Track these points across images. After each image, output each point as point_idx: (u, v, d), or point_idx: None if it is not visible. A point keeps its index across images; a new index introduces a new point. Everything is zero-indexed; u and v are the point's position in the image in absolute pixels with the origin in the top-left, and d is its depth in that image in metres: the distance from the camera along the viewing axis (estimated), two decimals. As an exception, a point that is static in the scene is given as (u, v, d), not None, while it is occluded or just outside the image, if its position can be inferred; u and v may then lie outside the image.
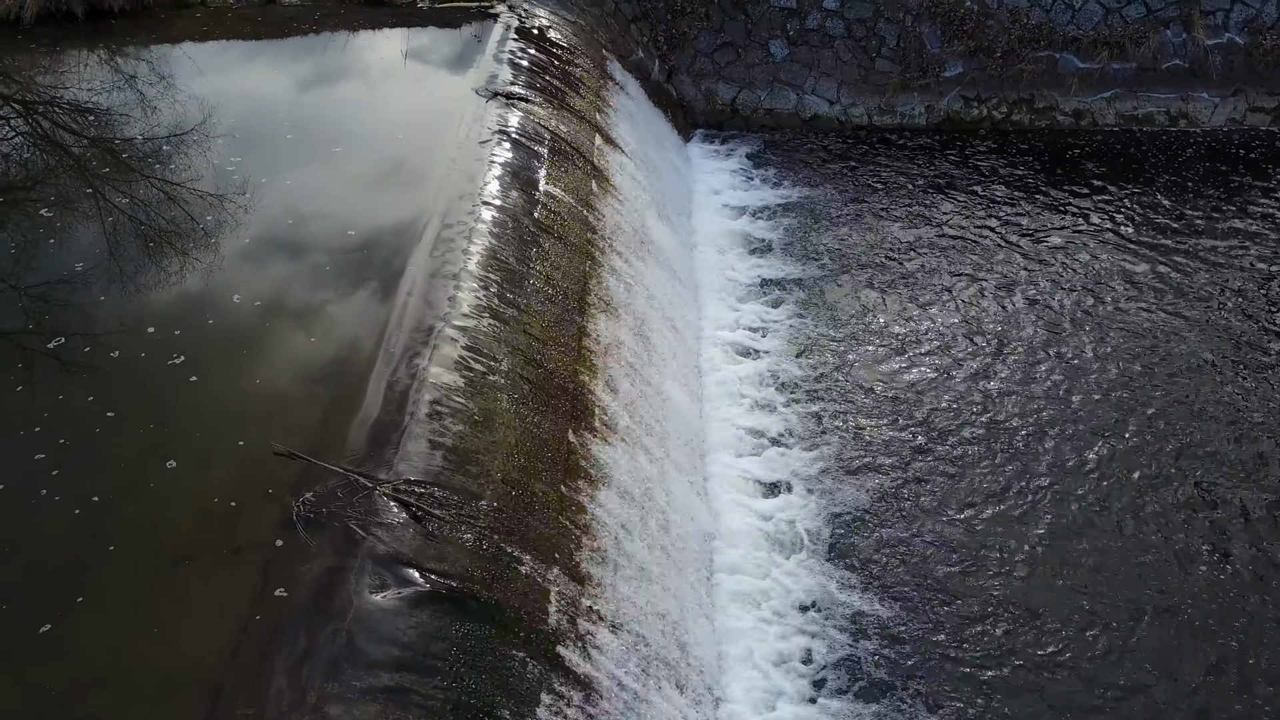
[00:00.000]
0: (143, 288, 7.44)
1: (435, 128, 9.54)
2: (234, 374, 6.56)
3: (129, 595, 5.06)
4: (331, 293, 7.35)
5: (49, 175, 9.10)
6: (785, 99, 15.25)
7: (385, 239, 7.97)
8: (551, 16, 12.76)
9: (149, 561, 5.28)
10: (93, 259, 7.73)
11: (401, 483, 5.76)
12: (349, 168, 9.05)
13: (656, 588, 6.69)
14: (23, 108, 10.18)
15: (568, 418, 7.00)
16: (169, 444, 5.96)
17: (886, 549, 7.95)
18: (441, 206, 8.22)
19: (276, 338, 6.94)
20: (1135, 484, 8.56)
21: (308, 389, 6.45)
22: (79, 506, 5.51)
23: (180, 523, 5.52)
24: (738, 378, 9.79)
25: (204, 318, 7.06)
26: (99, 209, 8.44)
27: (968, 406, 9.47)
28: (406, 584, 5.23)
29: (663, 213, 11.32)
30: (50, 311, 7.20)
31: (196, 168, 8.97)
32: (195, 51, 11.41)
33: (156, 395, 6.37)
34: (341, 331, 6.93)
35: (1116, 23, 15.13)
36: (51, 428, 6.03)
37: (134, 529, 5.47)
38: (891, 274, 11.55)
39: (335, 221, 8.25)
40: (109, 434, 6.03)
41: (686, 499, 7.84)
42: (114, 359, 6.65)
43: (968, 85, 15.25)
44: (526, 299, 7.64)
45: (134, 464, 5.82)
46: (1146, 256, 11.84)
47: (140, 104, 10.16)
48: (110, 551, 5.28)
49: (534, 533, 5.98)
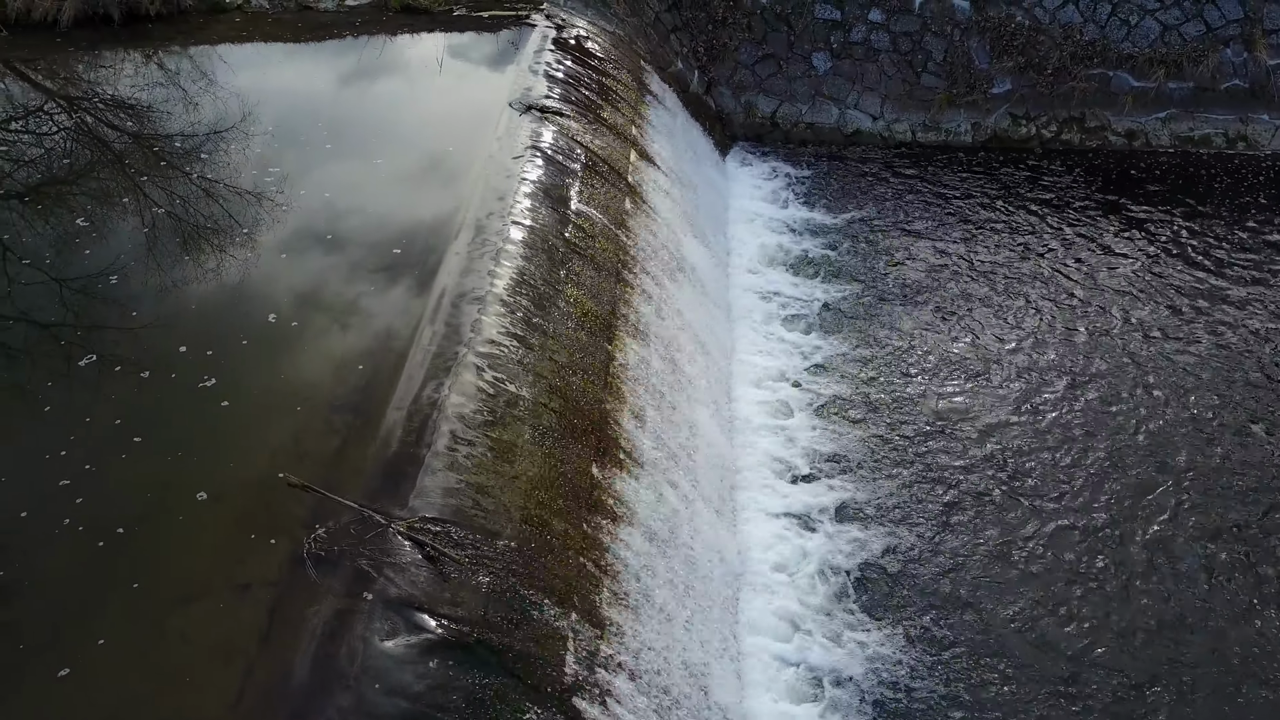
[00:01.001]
0: (177, 304, 7.27)
1: (467, 142, 9.35)
2: (262, 398, 6.38)
3: (142, 636, 4.90)
4: (354, 313, 7.16)
5: (86, 176, 9.03)
6: (827, 113, 14.90)
7: (412, 257, 7.77)
8: (590, 26, 12.53)
9: (163, 598, 5.11)
10: (128, 270, 7.60)
11: (417, 520, 5.54)
12: (379, 179, 8.88)
13: (679, 631, 6.42)
14: (60, 107, 10.14)
15: (592, 449, 6.75)
16: (193, 472, 5.80)
17: (932, 600, 7.60)
18: (470, 225, 8.02)
19: (303, 359, 6.76)
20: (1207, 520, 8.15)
21: (325, 417, 6.25)
22: (101, 538, 5.34)
23: (196, 556, 5.36)
24: (771, 404, 9.48)
25: (239, 338, 6.87)
26: (136, 212, 8.34)
27: (1020, 444, 9.09)
28: (418, 630, 5.01)
29: (697, 230, 11.05)
30: (83, 326, 7.07)
31: (234, 169, 8.89)
32: (229, 55, 11.33)
33: (183, 419, 6.20)
34: (362, 356, 6.74)
35: (1174, 40, 14.60)
36: (77, 452, 5.89)
37: (151, 563, 5.29)
38: (933, 298, 11.18)
39: (367, 234, 8.08)
40: (135, 460, 5.86)
41: (714, 535, 7.55)
42: (144, 379, 6.49)
43: (1016, 102, 14.80)
44: (554, 324, 7.40)
45: (157, 493, 5.65)
46: (1201, 290, 11.36)
47: (173, 105, 10.08)
48: (133, 589, 5.11)
49: (553, 574, 5.74)
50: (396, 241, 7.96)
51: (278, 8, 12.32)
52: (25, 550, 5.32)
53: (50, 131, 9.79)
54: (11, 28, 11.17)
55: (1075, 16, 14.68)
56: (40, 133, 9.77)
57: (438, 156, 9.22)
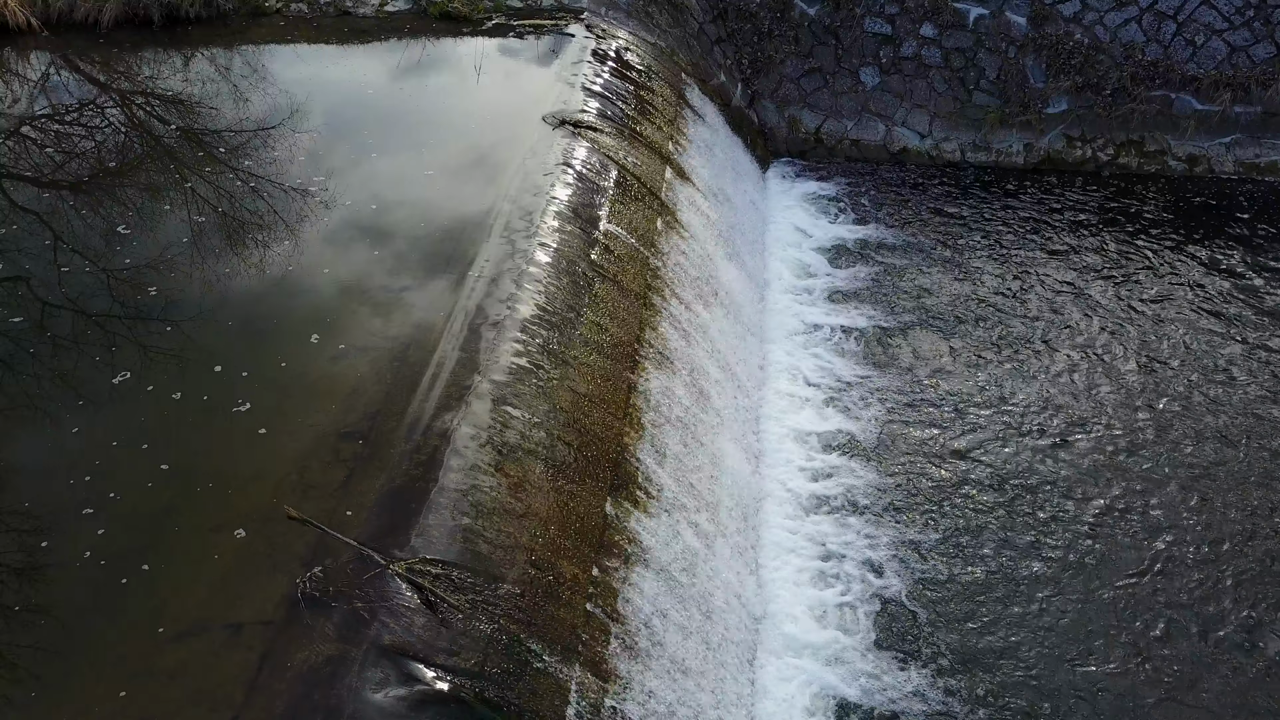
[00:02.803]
0: (212, 320, 7.16)
1: (497, 158, 9.14)
2: (290, 424, 6.21)
3: (128, 674, 4.75)
4: (367, 337, 6.97)
5: (125, 179, 8.99)
6: (873, 130, 14.48)
7: (431, 279, 7.58)
8: (630, 37, 12.28)
9: (158, 635, 4.96)
10: (165, 280, 7.51)
11: (417, 561, 5.33)
12: (403, 198, 8.70)
13: (691, 683, 6.13)
14: (108, 101, 10.15)
15: (606, 486, 6.49)
16: (215, 503, 5.66)
17: (967, 653, 7.24)
18: (494, 246, 7.81)
19: (314, 383, 6.59)
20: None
21: (333, 446, 6.07)
22: (125, 575, 5.22)
23: (195, 590, 5.20)
24: (803, 437, 9.14)
25: (277, 360, 6.73)
26: (179, 217, 8.27)
27: (1072, 491, 8.66)
28: (411, 681, 4.79)
29: (732, 251, 10.73)
30: (116, 342, 6.96)
31: (277, 169, 8.91)
32: (264, 57, 11.26)
33: (210, 445, 6.07)
34: (374, 382, 6.55)
35: (1242, 62, 13.95)
36: (102, 479, 5.78)
37: (163, 598, 5.15)
38: (982, 329, 10.72)
39: (388, 253, 7.91)
40: (159, 489, 5.73)
41: (734, 577, 7.25)
42: (175, 401, 6.36)
43: (1072, 123, 14.26)
44: (574, 351, 7.16)
45: (185, 527, 5.53)
46: (1266, 328, 10.79)
47: (208, 105, 10.04)
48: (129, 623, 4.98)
49: (558, 622, 5.49)
50: (416, 263, 7.77)
51: (317, 12, 12.25)
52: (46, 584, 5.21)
53: (94, 124, 9.79)
54: (53, 27, 11.23)
55: (1138, 35, 14.10)
56: (86, 125, 9.78)
57: (466, 173, 9.03)
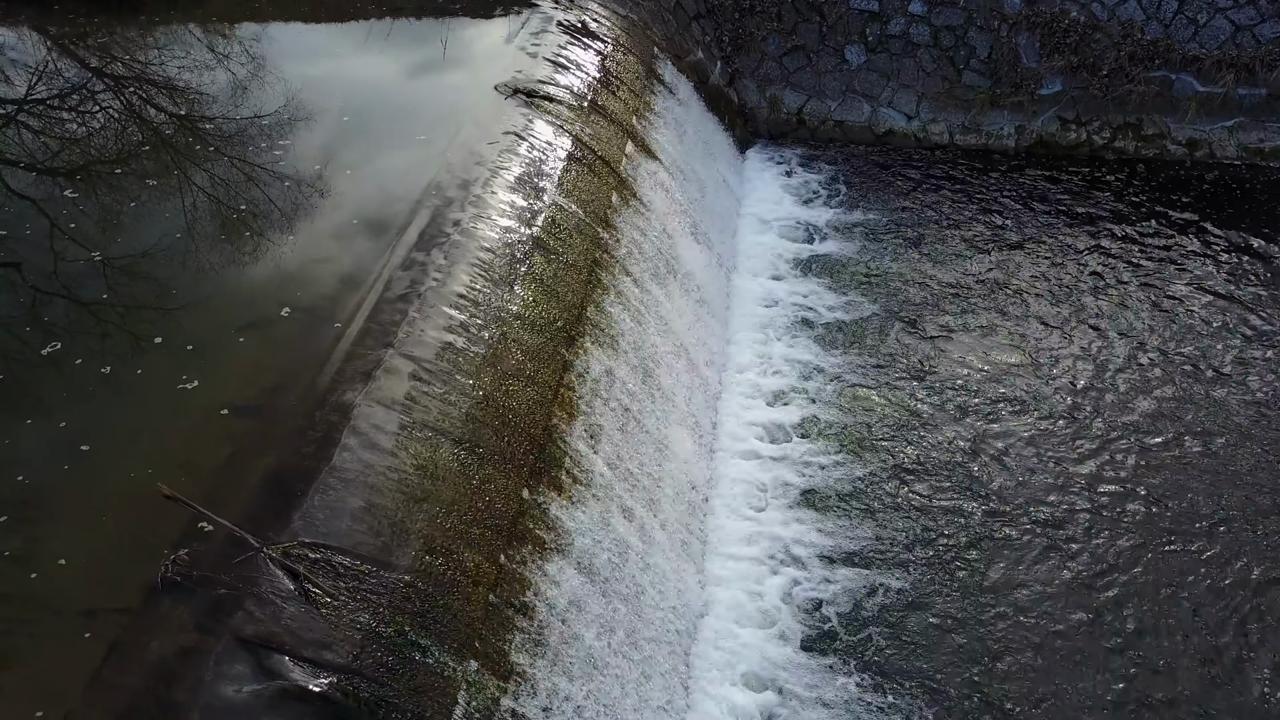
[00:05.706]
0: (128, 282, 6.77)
1: (441, 128, 8.68)
2: (181, 398, 5.81)
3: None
4: (272, 309, 6.52)
5: (79, 150, 8.60)
6: (858, 110, 13.94)
7: (352, 249, 7.14)
8: (601, 9, 11.80)
9: (9, 620, 4.56)
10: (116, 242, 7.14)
11: (295, 545, 4.88)
12: (337, 165, 8.27)
13: (609, 680, 5.67)
14: (49, 74, 9.77)
15: (526, 470, 6.03)
16: (89, 480, 5.28)
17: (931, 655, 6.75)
18: (426, 216, 7.36)
19: (210, 359, 6.17)
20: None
21: (225, 422, 5.64)
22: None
23: (53, 573, 4.80)
24: (763, 424, 8.65)
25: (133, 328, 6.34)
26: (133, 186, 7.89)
27: (1049, 491, 8.14)
28: (271, 675, 4.35)
29: (699, 232, 10.25)
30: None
31: (224, 141, 8.52)
32: (218, 29, 10.86)
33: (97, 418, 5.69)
34: (275, 358, 6.12)
35: (1247, 42, 13.33)
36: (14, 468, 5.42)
37: (19, 581, 4.76)
38: (970, 323, 10.10)
39: (313, 220, 7.49)
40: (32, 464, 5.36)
41: (671, 569, 6.78)
42: (58, 369, 6.00)
43: (1066, 105, 13.67)
44: (502, 326, 6.70)
45: (52, 506, 5.15)
46: (1267, 319, 10.21)
47: (160, 74, 9.64)
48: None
49: (452, 614, 5.03)
50: (339, 233, 7.34)
51: (274, -17, 11.85)
52: None
53: (47, 97, 9.42)
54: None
55: (1137, 13, 13.49)
56: (40, 98, 9.42)
57: (406, 142, 8.58)
